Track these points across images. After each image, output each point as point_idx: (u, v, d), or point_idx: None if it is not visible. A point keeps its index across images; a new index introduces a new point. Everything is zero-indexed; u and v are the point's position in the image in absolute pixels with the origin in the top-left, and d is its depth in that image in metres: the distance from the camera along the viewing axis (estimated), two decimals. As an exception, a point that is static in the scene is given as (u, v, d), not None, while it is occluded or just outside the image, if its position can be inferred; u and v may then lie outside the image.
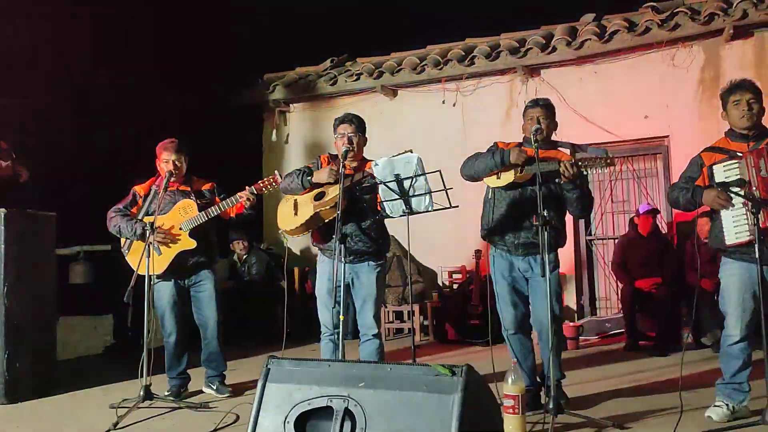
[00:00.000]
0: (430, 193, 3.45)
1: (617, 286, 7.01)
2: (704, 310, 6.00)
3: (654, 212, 6.22)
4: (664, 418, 3.62)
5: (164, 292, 4.43)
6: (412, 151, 3.61)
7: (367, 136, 4.02)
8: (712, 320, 5.91)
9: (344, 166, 3.77)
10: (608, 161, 3.48)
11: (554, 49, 6.95)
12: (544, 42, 7.10)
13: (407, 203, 3.49)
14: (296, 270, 7.56)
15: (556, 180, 3.65)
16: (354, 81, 7.81)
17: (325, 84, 7.96)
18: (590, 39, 6.81)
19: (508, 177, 3.66)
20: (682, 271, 6.17)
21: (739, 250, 3.45)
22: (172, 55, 7.24)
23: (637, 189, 7.25)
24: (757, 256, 3.08)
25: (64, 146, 6.49)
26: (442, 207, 3.44)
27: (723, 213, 3.45)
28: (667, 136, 6.87)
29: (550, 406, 3.27)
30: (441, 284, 7.36)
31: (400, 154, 3.52)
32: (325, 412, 2.21)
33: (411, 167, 3.44)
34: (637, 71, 6.88)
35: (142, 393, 3.99)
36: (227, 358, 4.74)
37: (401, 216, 3.55)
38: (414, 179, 3.43)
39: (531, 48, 7.04)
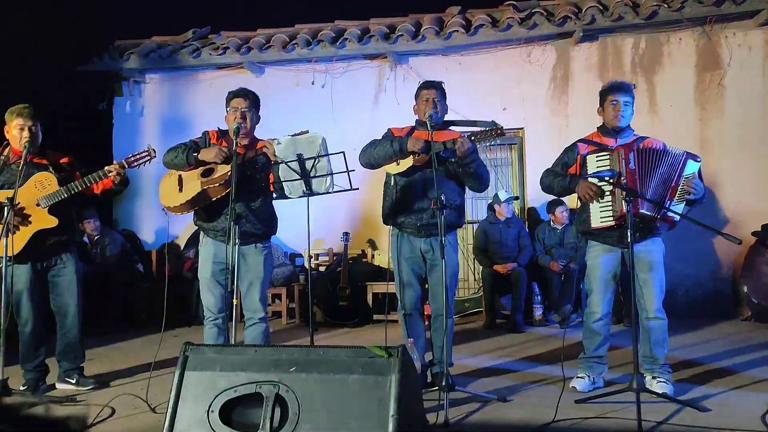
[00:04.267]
0: (332, 174, 3.41)
1: (475, 267, 7.43)
2: (554, 290, 6.56)
3: (515, 199, 6.66)
4: (539, 389, 3.92)
5: (20, 277, 3.95)
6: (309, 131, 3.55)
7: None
8: (561, 299, 6.49)
9: (236, 144, 3.61)
10: (498, 131, 3.65)
11: (423, 38, 7.13)
12: (414, 30, 7.26)
13: (308, 184, 3.42)
14: (153, 252, 7.14)
15: (453, 159, 3.76)
16: (219, 55, 7.46)
17: (188, 56, 7.53)
18: (457, 31, 7.07)
19: (407, 162, 3.71)
20: (534, 253, 6.69)
21: (603, 234, 3.80)
22: (12, 15, 6.45)
23: (495, 177, 7.68)
24: (628, 240, 3.40)
25: None
26: (342, 189, 3.42)
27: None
28: (522, 128, 7.34)
29: (443, 383, 3.38)
30: (308, 267, 7.31)
31: (301, 133, 3.44)
32: (254, 399, 2.12)
33: (315, 147, 3.38)
34: (498, 65, 7.27)
35: (-2, 389, 3.56)
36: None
37: (300, 197, 3.48)
38: (317, 160, 3.37)
39: (401, 35, 7.16)
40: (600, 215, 3.74)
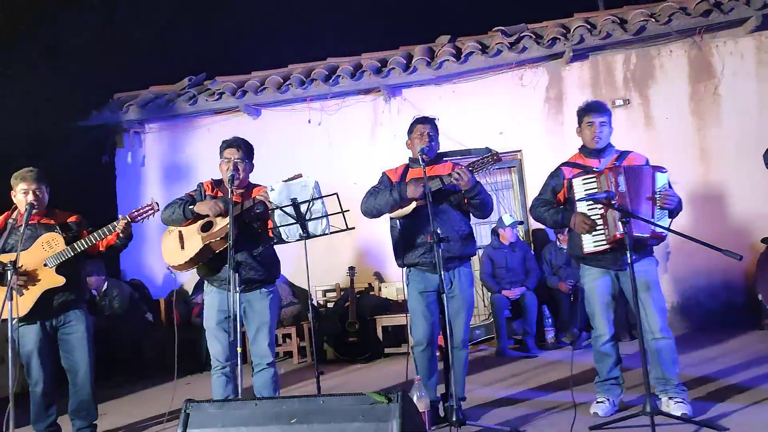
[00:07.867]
0: (327, 216, 3.43)
1: (483, 294, 7.38)
2: (563, 311, 6.51)
3: (519, 224, 6.66)
4: (552, 417, 3.86)
5: (29, 337, 3.98)
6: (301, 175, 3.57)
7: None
8: (570, 320, 6.43)
9: (231, 193, 3.64)
10: (495, 157, 3.67)
11: (415, 69, 7.21)
12: (405, 62, 7.34)
13: (304, 227, 3.44)
14: (162, 300, 7.16)
15: (456, 191, 3.78)
16: (215, 100, 7.57)
17: (185, 104, 7.64)
18: (448, 60, 7.14)
19: (410, 206, 3.74)
20: (541, 275, 6.65)
21: (596, 258, 3.81)
22: (11, 75, 6.57)
23: (497, 201, 7.68)
24: (629, 262, 3.38)
25: None
26: (339, 229, 3.43)
27: None
28: (520, 151, 7.36)
29: (454, 419, 3.34)
30: (316, 304, 7.30)
31: (295, 177, 3.46)
32: (257, 454, 2.11)
33: (308, 191, 3.41)
34: (491, 90, 7.31)
35: (9, 453, 3.54)
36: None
37: (298, 240, 3.50)
38: (311, 203, 3.39)
39: (393, 68, 7.24)
40: (593, 240, 3.75)
